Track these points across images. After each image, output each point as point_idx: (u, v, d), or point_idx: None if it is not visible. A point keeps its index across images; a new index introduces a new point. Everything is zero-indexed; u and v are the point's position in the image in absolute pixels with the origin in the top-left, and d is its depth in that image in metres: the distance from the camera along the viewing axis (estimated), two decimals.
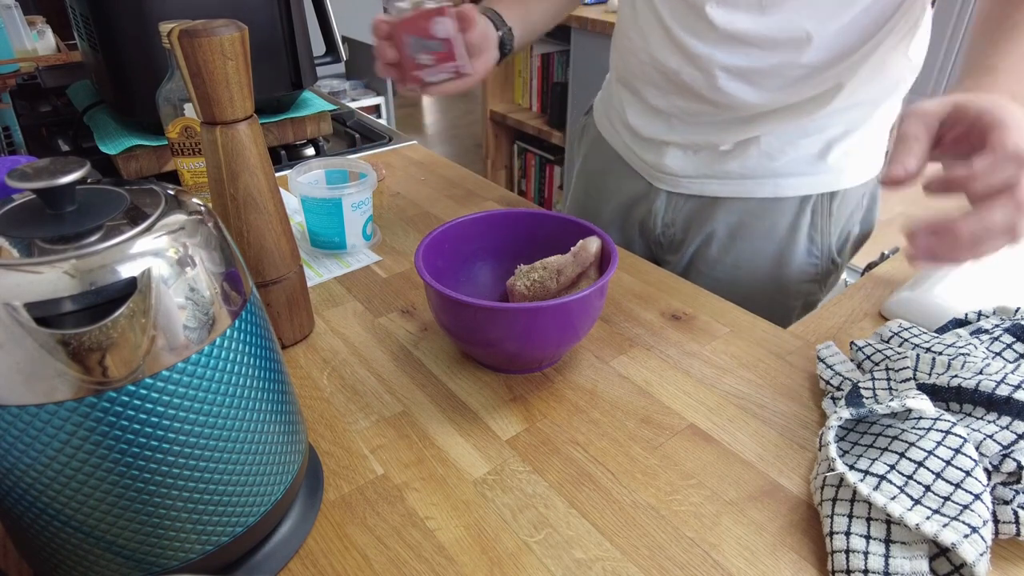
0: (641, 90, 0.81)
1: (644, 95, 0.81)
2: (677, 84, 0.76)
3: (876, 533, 0.40)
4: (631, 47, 0.81)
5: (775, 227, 0.80)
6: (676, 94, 0.77)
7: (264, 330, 0.39)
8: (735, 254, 0.83)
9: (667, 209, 0.86)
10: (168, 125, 0.71)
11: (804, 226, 0.79)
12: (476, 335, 0.53)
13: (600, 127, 0.94)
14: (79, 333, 0.29)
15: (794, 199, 0.78)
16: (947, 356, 0.49)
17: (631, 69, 0.82)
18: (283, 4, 0.92)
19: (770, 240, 0.80)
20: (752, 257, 0.82)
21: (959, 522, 0.38)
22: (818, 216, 0.79)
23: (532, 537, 0.43)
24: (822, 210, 0.79)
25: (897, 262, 0.76)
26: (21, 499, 0.32)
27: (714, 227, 0.82)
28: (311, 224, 0.75)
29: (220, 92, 0.48)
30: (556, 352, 0.56)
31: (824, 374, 0.54)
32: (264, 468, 0.38)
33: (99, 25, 0.83)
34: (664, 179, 0.84)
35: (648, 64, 0.78)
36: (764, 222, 0.80)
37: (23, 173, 0.30)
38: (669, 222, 0.87)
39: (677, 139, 0.80)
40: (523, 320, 0.51)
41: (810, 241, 0.80)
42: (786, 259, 0.81)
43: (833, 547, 0.40)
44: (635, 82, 0.82)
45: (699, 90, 0.74)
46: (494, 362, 0.57)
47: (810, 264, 0.81)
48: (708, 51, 0.72)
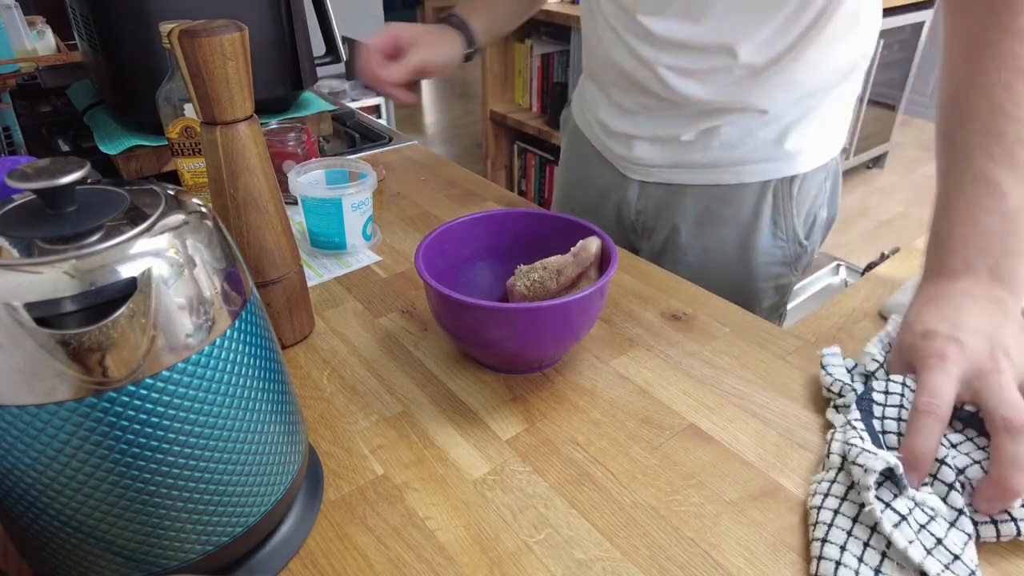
0: (606, 88, 0.85)
1: (609, 92, 0.85)
2: (634, 83, 0.80)
3: (869, 560, 0.40)
4: (593, 50, 0.86)
5: (740, 212, 0.83)
6: (635, 92, 0.81)
7: (264, 330, 0.39)
8: (704, 239, 0.86)
9: (639, 197, 0.89)
10: (168, 125, 0.71)
11: (767, 210, 0.82)
12: (476, 335, 0.53)
13: (577, 120, 0.97)
14: (79, 333, 0.29)
15: (756, 184, 0.81)
16: None
17: (595, 68, 0.87)
18: (283, 4, 0.92)
19: (736, 224, 0.83)
20: (720, 241, 0.85)
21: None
22: (780, 200, 0.82)
23: (532, 537, 0.43)
24: (783, 194, 0.81)
25: (897, 262, 0.76)
26: (21, 499, 0.32)
27: (683, 213, 0.86)
28: (311, 224, 0.75)
29: (220, 92, 0.48)
30: (556, 352, 0.56)
31: (825, 380, 0.53)
32: (264, 468, 0.38)
33: (99, 25, 0.83)
34: (635, 169, 0.87)
35: (608, 65, 0.82)
36: (729, 208, 0.83)
37: (23, 173, 0.30)
38: (641, 209, 0.90)
39: (643, 132, 0.83)
40: (523, 320, 0.51)
41: (774, 224, 0.83)
42: (752, 243, 0.84)
43: (823, 554, 0.40)
44: (601, 81, 0.86)
45: (653, 88, 0.78)
46: (494, 362, 0.57)
47: (776, 247, 0.84)
48: (652, 54, 0.76)
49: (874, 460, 0.42)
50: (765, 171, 0.80)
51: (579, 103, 0.97)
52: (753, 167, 0.80)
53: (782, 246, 0.84)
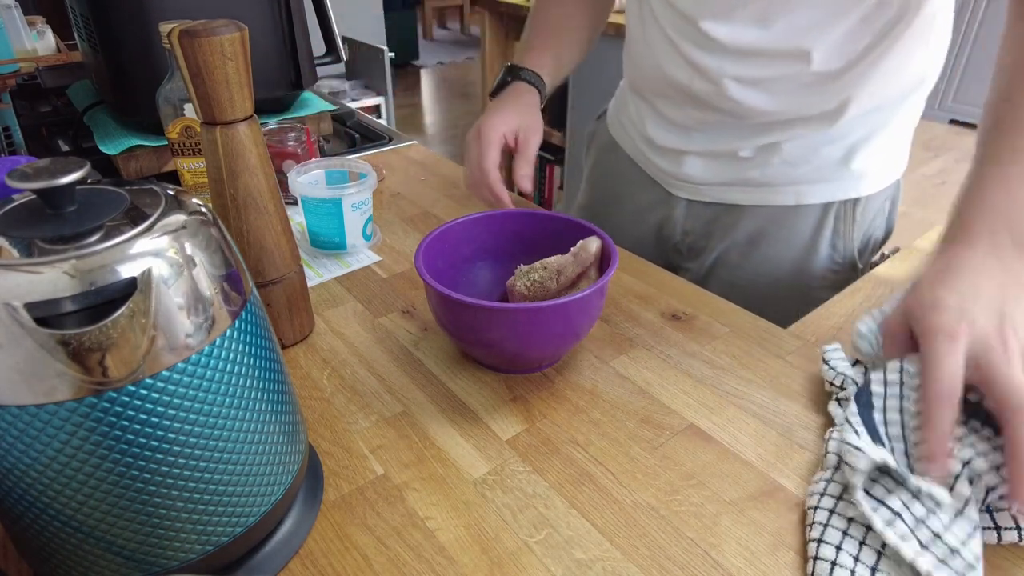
0: (655, 102, 0.81)
1: (658, 107, 0.80)
2: (690, 96, 0.75)
3: (865, 559, 0.40)
4: (641, 61, 0.81)
5: (797, 234, 0.78)
6: (690, 105, 0.76)
7: (264, 330, 0.39)
8: (755, 261, 0.81)
9: (687, 216, 0.84)
10: (168, 125, 0.71)
11: (827, 233, 0.77)
12: (476, 335, 0.53)
13: (614, 134, 0.93)
14: (79, 333, 0.29)
15: (817, 206, 0.76)
16: None
17: (643, 82, 0.82)
18: (283, 4, 0.92)
19: (792, 247, 0.79)
20: (773, 264, 0.80)
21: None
22: (841, 223, 0.77)
23: (532, 537, 0.43)
24: (846, 216, 0.77)
25: (897, 262, 0.76)
26: (21, 499, 0.32)
27: (735, 234, 0.81)
28: (311, 224, 0.75)
29: (220, 92, 0.48)
30: (556, 352, 0.56)
31: (827, 375, 0.53)
32: (264, 468, 0.38)
33: (99, 25, 0.84)
34: (683, 187, 0.83)
35: (659, 78, 0.77)
36: (786, 229, 0.78)
37: (23, 173, 0.30)
38: (688, 229, 0.85)
39: (696, 148, 0.79)
40: (523, 320, 0.51)
41: (832, 248, 0.78)
42: (808, 266, 0.79)
43: (819, 554, 0.40)
44: (648, 94, 0.81)
45: (711, 101, 0.73)
46: (494, 362, 0.57)
47: (831, 271, 0.79)
48: (716, 63, 0.71)
49: (860, 458, 0.42)
50: (828, 192, 0.75)
51: (617, 116, 0.92)
52: (815, 187, 0.75)
53: (837, 269, 0.79)
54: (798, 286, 0.80)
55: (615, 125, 0.93)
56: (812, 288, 0.80)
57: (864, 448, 0.43)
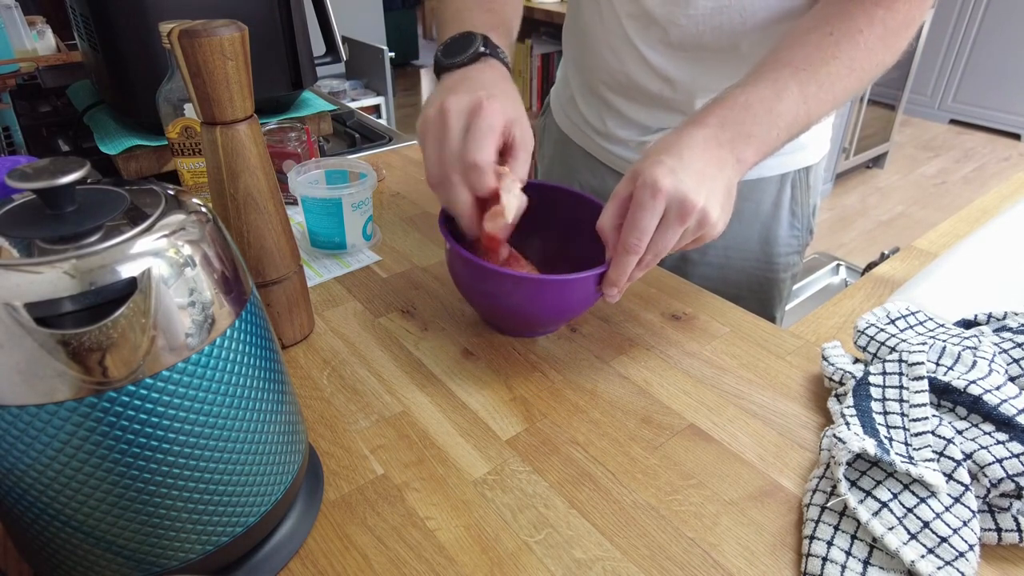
0: (615, 102, 0.82)
1: (620, 108, 0.82)
2: (660, 101, 0.78)
3: (857, 552, 0.40)
4: (603, 64, 0.81)
5: (760, 206, 0.83)
6: (659, 110, 0.79)
7: (264, 330, 0.39)
8: (725, 238, 0.82)
9: None
10: (168, 125, 0.71)
11: (786, 201, 0.83)
12: (493, 296, 0.56)
13: (564, 129, 0.94)
14: (79, 333, 0.29)
15: (775, 177, 0.82)
16: (957, 348, 0.49)
17: (604, 84, 0.82)
18: (283, 4, 0.92)
19: (756, 219, 0.84)
20: (743, 238, 0.85)
21: (951, 567, 0.38)
22: (798, 190, 0.83)
23: (532, 537, 0.43)
24: (801, 184, 0.83)
25: (897, 262, 0.76)
26: (21, 499, 0.32)
27: None
28: (311, 224, 0.75)
29: (220, 92, 0.48)
30: (574, 314, 0.61)
31: (827, 371, 0.54)
32: (264, 468, 0.38)
33: (99, 25, 0.83)
34: None
35: (627, 84, 0.79)
36: (750, 203, 0.83)
37: (23, 173, 0.30)
38: None
39: (653, 137, 0.81)
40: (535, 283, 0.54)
41: (792, 215, 0.84)
42: (772, 235, 0.84)
43: (811, 551, 0.41)
44: (610, 95, 0.83)
45: (683, 108, 0.76)
46: (509, 324, 0.61)
47: (793, 236, 0.85)
48: (688, 76, 0.74)
49: (842, 450, 0.42)
50: (784, 163, 0.81)
51: (562, 109, 0.93)
52: (773, 160, 0.77)
53: (798, 235, 0.86)
54: (767, 255, 0.86)
55: (562, 119, 0.94)
56: (779, 255, 0.86)
57: (845, 438, 0.43)
